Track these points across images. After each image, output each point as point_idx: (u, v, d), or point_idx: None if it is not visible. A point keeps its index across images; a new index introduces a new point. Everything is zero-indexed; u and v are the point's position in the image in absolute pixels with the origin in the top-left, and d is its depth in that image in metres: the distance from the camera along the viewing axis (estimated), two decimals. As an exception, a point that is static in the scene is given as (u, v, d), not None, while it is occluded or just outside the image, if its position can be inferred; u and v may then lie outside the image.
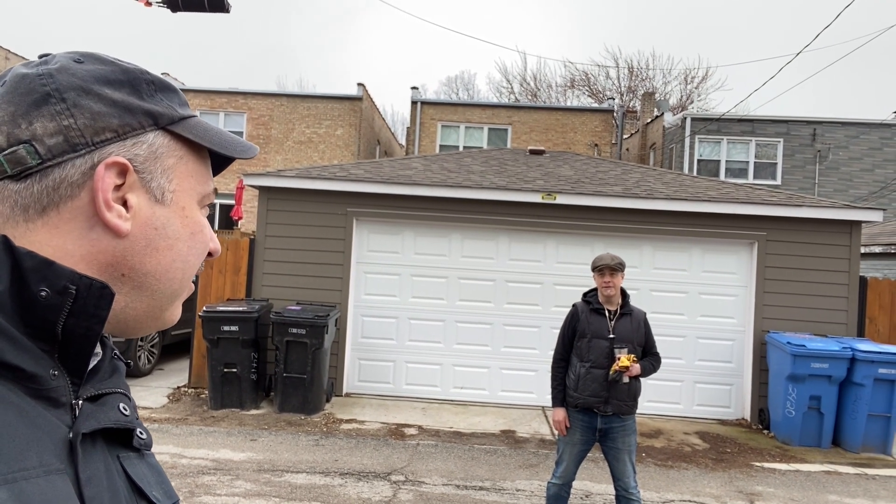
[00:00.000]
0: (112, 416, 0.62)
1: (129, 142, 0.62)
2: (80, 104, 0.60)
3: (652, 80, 34.13)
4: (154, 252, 0.64)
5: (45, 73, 0.60)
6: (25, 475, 0.49)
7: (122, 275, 0.63)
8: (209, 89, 20.66)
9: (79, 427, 0.57)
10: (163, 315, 0.68)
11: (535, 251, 8.62)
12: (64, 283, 0.56)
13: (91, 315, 0.58)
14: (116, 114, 0.62)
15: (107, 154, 0.60)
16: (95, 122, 0.60)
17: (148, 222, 0.64)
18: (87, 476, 0.56)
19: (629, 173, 10.10)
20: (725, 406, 8.40)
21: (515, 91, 37.25)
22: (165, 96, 0.67)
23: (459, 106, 21.82)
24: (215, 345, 7.39)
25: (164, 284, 0.66)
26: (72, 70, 0.61)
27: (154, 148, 0.64)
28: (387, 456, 6.22)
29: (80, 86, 0.61)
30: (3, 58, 24.55)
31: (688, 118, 19.98)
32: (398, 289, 8.64)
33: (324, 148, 20.22)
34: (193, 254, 0.69)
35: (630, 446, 4.19)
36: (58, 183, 0.59)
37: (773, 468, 6.57)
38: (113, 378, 0.66)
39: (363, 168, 9.29)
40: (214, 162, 0.74)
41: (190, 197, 0.68)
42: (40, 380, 0.55)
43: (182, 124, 0.67)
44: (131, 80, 0.65)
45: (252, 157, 0.75)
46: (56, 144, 0.58)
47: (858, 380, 7.06)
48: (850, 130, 19.56)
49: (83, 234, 0.60)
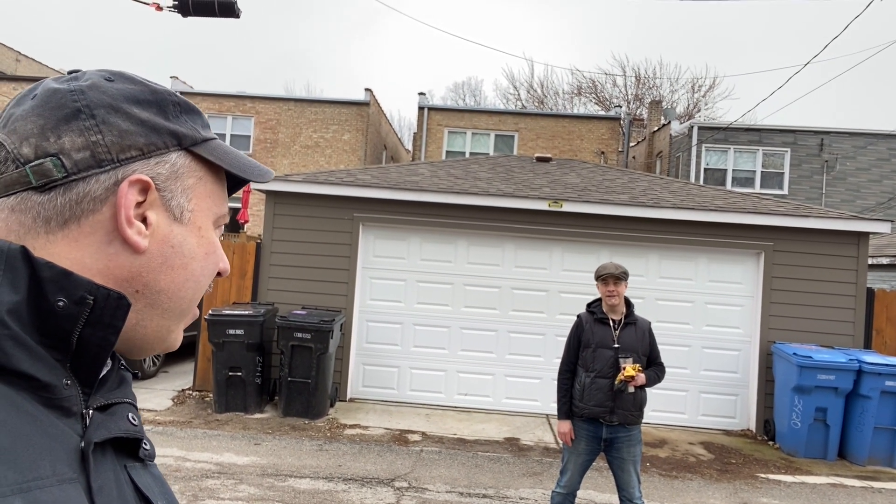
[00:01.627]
0: (122, 426, 0.63)
1: (152, 160, 0.63)
2: (109, 121, 0.61)
3: (659, 89, 34.17)
4: (169, 270, 0.65)
5: (76, 90, 0.62)
6: (40, 484, 0.49)
7: (137, 291, 0.63)
8: (217, 93, 20.75)
9: (90, 436, 0.57)
10: (169, 336, 0.70)
11: (541, 259, 8.61)
12: (81, 294, 0.57)
13: (107, 325, 0.59)
14: (143, 133, 0.63)
15: (130, 171, 0.62)
16: (122, 140, 0.61)
17: (166, 240, 0.65)
18: (99, 485, 0.56)
19: (636, 181, 10.09)
20: (731, 417, 8.36)
21: (522, 98, 37.33)
22: (190, 118, 0.69)
23: (466, 112, 21.86)
24: (220, 348, 7.41)
25: (175, 303, 0.67)
26: (103, 88, 0.63)
27: (176, 168, 0.66)
28: (390, 462, 6.21)
29: (109, 104, 0.62)
30: (14, 59, 24.74)
31: (695, 127, 19.96)
32: (403, 294, 8.65)
33: (330, 152, 20.27)
34: (205, 274, 0.70)
35: (635, 456, 4.17)
36: (81, 197, 0.60)
37: (779, 480, 6.53)
38: (121, 388, 0.67)
39: (370, 173, 9.32)
40: (229, 184, 0.76)
41: (207, 217, 0.70)
42: (53, 389, 0.56)
43: (204, 146, 0.69)
44: (159, 100, 0.66)
45: (268, 181, 0.76)
46: (83, 159, 0.59)
47: (865, 392, 7.02)
48: (857, 141, 19.49)
49: (101, 249, 0.61)
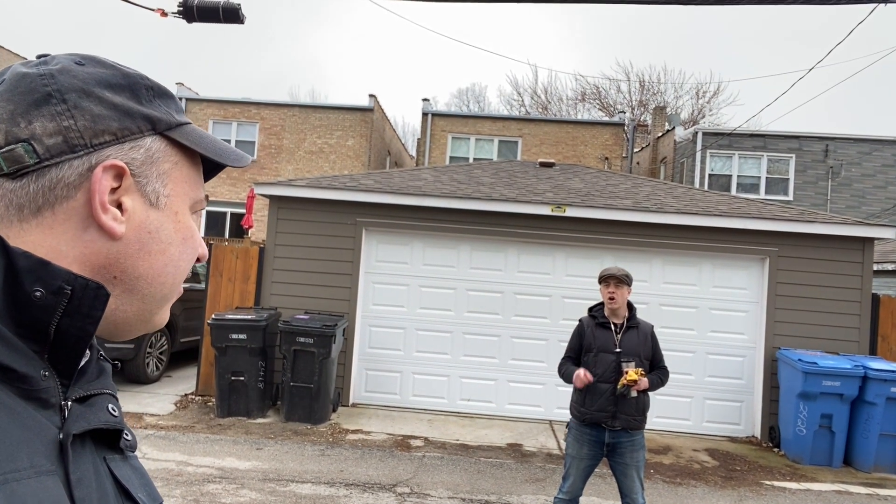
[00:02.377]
0: (102, 417, 0.62)
1: (126, 145, 0.63)
2: (81, 106, 0.60)
3: (663, 95, 34.16)
4: (147, 255, 0.65)
5: (46, 74, 0.61)
6: (17, 476, 0.49)
7: (115, 277, 0.63)
8: (222, 99, 20.85)
9: (69, 428, 0.57)
10: (152, 318, 0.69)
11: (545, 264, 8.60)
12: (59, 284, 0.56)
13: (85, 315, 0.58)
14: (116, 117, 0.62)
15: (104, 157, 0.61)
16: (95, 125, 0.60)
17: (142, 226, 0.64)
18: (77, 477, 0.55)
19: (639, 187, 10.07)
20: (735, 423, 8.31)
21: (526, 104, 37.39)
22: (164, 102, 0.68)
23: (470, 118, 21.90)
24: (223, 353, 7.40)
25: (154, 288, 0.66)
26: (73, 72, 0.62)
27: (151, 152, 0.65)
28: (392, 467, 6.19)
29: (81, 88, 0.61)
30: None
31: (699, 132, 19.94)
32: (406, 299, 8.64)
33: (334, 158, 20.32)
34: (184, 259, 0.69)
35: (638, 462, 4.14)
36: (54, 183, 0.59)
37: (784, 487, 6.48)
38: (100, 379, 0.66)
39: (373, 178, 9.32)
40: (205, 169, 0.75)
41: (183, 202, 0.69)
42: (31, 380, 0.55)
43: (179, 130, 0.68)
44: (131, 84, 0.65)
45: (245, 166, 0.76)
46: (55, 144, 0.58)
47: (870, 398, 6.96)
48: (863, 147, 19.44)
49: (77, 236, 0.60)
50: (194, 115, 20.39)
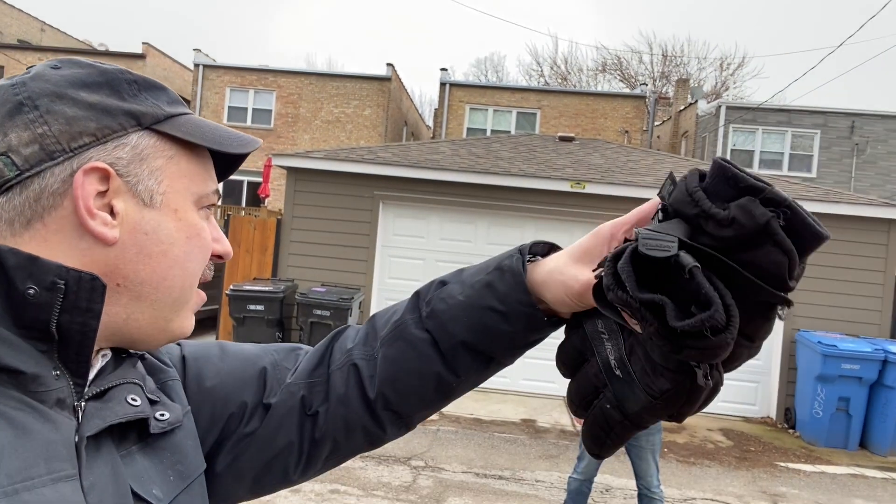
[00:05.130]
0: (119, 411, 0.60)
1: (110, 145, 0.59)
2: (54, 110, 0.57)
3: (686, 67, 33.46)
4: (147, 259, 0.61)
5: (18, 83, 0.58)
6: (28, 485, 0.48)
7: (118, 285, 0.59)
8: (239, 66, 20.74)
9: (83, 431, 0.55)
10: (170, 326, 0.65)
11: (562, 240, 8.19)
12: (51, 279, 0.53)
13: (85, 310, 0.55)
14: (94, 117, 0.59)
15: (86, 160, 0.58)
16: (71, 127, 0.57)
17: (137, 228, 0.60)
18: (90, 483, 0.54)
19: (661, 163, 9.92)
20: (751, 404, 8.28)
21: (545, 74, 36.78)
22: (151, 95, 0.64)
23: (488, 89, 21.64)
24: (241, 323, 7.47)
25: (161, 293, 0.62)
26: (46, 76, 0.59)
27: (139, 150, 0.61)
28: (407, 440, 6.25)
29: (52, 91, 0.58)
30: (39, 29, 24.90)
31: (722, 106, 19.55)
32: (422, 273, 8.62)
33: (351, 128, 20.21)
34: (192, 259, 0.65)
35: (654, 445, 4.13)
36: (38, 194, 0.56)
37: (798, 469, 6.47)
38: (119, 370, 0.64)
39: (391, 151, 9.26)
40: (224, 161, 0.70)
41: (184, 198, 0.64)
42: (42, 381, 0.54)
43: (169, 122, 0.63)
44: (109, 80, 0.61)
45: (252, 151, 0.71)
46: (32, 154, 0.56)
47: (890, 382, 6.89)
48: (889, 124, 18.97)
49: (73, 245, 0.57)
50: (211, 83, 20.31)
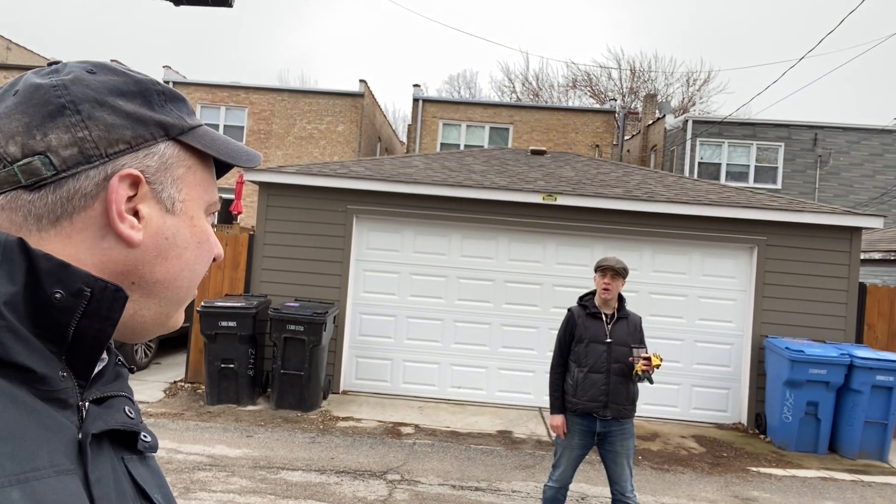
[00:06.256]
0: (119, 419, 0.64)
1: (141, 153, 0.63)
2: (95, 116, 0.61)
3: (654, 82, 34.13)
4: (164, 261, 0.66)
5: (59, 85, 0.61)
6: (37, 475, 0.50)
7: (133, 283, 0.64)
8: (211, 83, 20.59)
9: (88, 428, 0.58)
10: (168, 321, 0.70)
11: (535, 252, 8.60)
12: (79, 286, 0.57)
13: (104, 318, 0.59)
14: (130, 125, 0.63)
15: (120, 165, 0.62)
16: (110, 134, 0.61)
17: (159, 232, 0.65)
18: (97, 477, 0.57)
19: (630, 175, 10.09)
20: (722, 410, 8.40)
21: (517, 90, 37.23)
22: (175, 106, 0.69)
23: (461, 104, 21.79)
24: (213, 340, 7.37)
25: (171, 292, 0.68)
26: (86, 81, 0.62)
27: (165, 159, 0.66)
28: (383, 455, 6.21)
29: (94, 98, 0.62)
30: (5, 48, 24.47)
31: (689, 120, 19.95)
32: (397, 287, 8.62)
33: (325, 144, 20.17)
34: (200, 262, 0.71)
35: (628, 450, 4.18)
36: (72, 194, 0.60)
37: (770, 473, 6.56)
38: (117, 382, 0.68)
39: (364, 165, 9.27)
40: (216, 168, 0.76)
41: (198, 206, 0.70)
42: (50, 381, 0.56)
43: (191, 134, 0.68)
44: (143, 91, 0.66)
45: (257, 165, 0.76)
46: (71, 156, 0.59)
47: (856, 386, 7.05)
48: (851, 136, 19.54)
49: (95, 244, 0.61)
50: (182, 100, 20.09)
